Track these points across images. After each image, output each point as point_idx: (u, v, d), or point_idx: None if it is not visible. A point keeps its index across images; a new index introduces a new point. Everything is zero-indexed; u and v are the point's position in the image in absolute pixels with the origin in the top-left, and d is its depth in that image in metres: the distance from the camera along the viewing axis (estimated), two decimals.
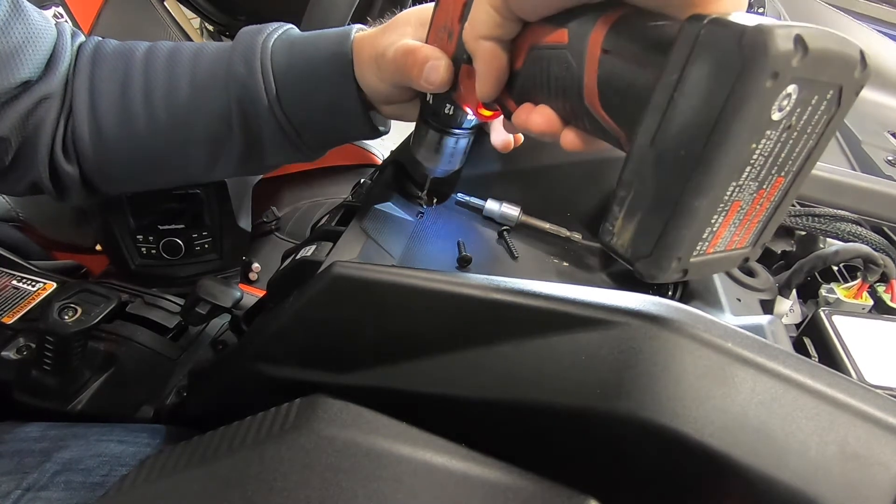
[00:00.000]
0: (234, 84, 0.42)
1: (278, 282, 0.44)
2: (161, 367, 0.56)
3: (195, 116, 0.43)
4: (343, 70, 0.41)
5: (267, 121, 0.42)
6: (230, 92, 0.42)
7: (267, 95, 0.41)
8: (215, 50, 0.43)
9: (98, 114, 0.43)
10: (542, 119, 0.30)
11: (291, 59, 0.42)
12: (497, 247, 0.53)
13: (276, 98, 0.42)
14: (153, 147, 0.44)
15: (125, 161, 0.45)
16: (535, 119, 0.30)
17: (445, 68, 0.36)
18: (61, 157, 0.44)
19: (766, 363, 0.27)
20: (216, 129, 0.43)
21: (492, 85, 0.32)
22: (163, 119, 0.43)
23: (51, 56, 0.43)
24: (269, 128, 0.43)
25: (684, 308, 0.29)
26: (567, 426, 0.29)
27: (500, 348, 0.30)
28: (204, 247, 0.75)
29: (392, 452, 0.28)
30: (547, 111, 0.30)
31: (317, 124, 0.44)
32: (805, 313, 0.48)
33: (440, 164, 0.43)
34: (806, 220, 0.48)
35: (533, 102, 0.31)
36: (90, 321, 0.45)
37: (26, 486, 0.39)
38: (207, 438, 0.32)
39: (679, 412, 0.26)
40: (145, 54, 0.44)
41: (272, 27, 0.44)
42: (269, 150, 0.45)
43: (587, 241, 0.55)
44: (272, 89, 0.41)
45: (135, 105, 0.43)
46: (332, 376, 0.35)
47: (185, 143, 0.44)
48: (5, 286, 0.60)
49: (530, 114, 0.31)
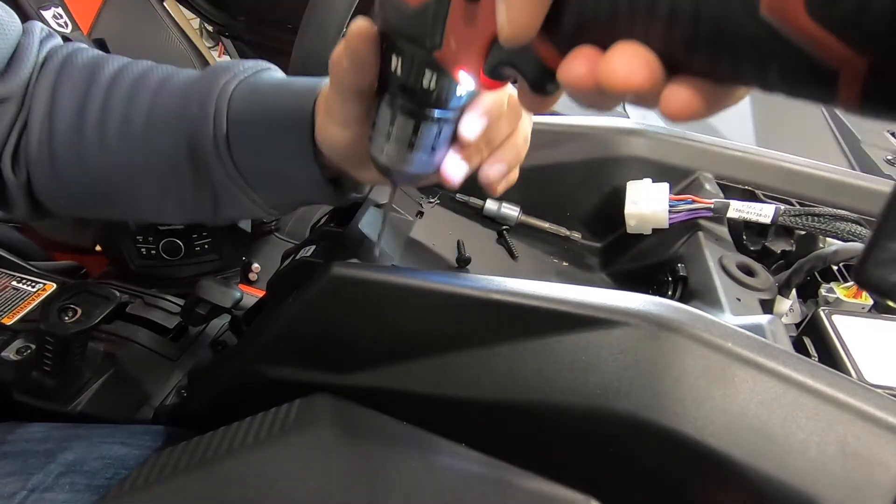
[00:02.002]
0: (185, 122, 0.38)
1: (278, 282, 0.44)
2: (161, 368, 0.55)
3: (146, 149, 0.39)
4: (298, 124, 0.35)
5: (215, 167, 0.38)
6: (181, 130, 0.38)
7: (215, 139, 0.37)
8: (183, 82, 0.40)
9: (53, 128, 0.40)
10: (632, 65, 0.17)
11: (250, 105, 0.37)
12: (497, 247, 0.53)
13: (225, 143, 0.37)
14: (103, 174, 0.41)
15: (75, 182, 0.42)
16: (617, 67, 0.18)
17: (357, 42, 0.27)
18: (8, 167, 0.41)
19: (766, 363, 0.27)
20: (165, 166, 0.39)
21: (530, 8, 0.19)
22: (114, 146, 0.39)
23: (13, 55, 0.39)
24: (217, 174, 0.39)
25: (684, 308, 0.29)
26: (567, 426, 0.29)
27: (500, 348, 0.30)
28: (204, 247, 0.75)
29: (392, 452, 0.28)
30: (640, 51, 0.18)
31: (268, 179, 0.39)
32: (805, 313, 0.48)
33: (412, 165, 0.30)
34: (806, 220, 0.48)
35: (600, 44, 0.19)
36: (90, 322, 0.45)
37: (31, 486, 0.39)
38: (207, 439, 0.32)
39: (679, 412, 0.26)
40: (113, 75, 0.40)
41: (246, 66, 0.40)
42: (221, 199, 0.41)
43: (587, 241, 0.55)
44: (222, 133, 0.37)
45: (88, 127, 0.39)
46: (332, 377, 0.35)
47: (134, 176, 0.40)
48: (5, 287, 0.60)
49: (606, 60, 0.18)
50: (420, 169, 0.30)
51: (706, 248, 0.49)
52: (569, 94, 0.21)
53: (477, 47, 0.23)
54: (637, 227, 0.52)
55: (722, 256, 0.48)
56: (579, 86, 0.19)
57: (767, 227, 0.51)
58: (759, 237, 0.53)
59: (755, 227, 0.53)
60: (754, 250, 0.53)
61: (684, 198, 0.51)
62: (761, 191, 0.54)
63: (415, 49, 0.26)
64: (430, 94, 0.27)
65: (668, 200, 0.51)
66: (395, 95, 0.28)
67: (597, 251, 0.54)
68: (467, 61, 0.24)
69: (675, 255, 0.51)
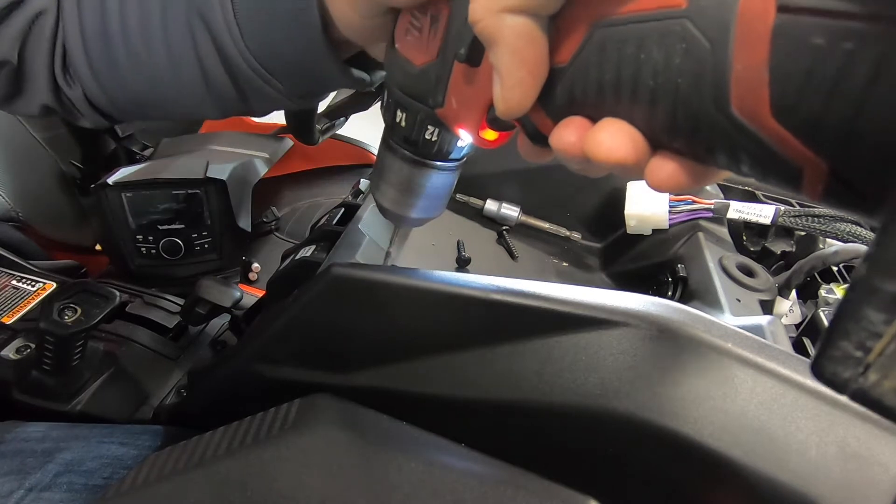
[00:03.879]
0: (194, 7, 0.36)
1: (278, 282, 0.44)
2: (161, 368, 0.55)
3: (167, 43, 0.38)
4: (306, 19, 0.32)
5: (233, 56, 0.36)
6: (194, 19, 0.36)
7: (228, 26, 0.35)
8: None
9: (85, 36, 0.39)
10: (616, 141, 0.19)
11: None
12: (497, 247, 0.53)
13: (237, 30, 0.35)
14: (136, 76, 0.40)
15: (117, 88, 0.41)
16: (603, 141, 0.19)
17: None
18: (62, 79, 0.40)
19: (766, 363, 0.27)
20: (188, 59, 0.38)
21: (524, 89, 0.21)
22: (139, 47, 0.38)
23: None
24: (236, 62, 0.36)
25: (684, 308, 0.29)
26: (567, 426, 0.29)
27: (500, 348, 0.30)
28: (204, 247, 0.75)
29: (392, 452, 0.28)
30: (625, 128, 0.19)
31: (285, 71, 0.37)
32: (805, 313, 0.48)
33: (415, 210, 0.31)
34: (806, 221, 0.48)
35: (590, 116, 0.20)
36: (90, 321, 0.45)
37: (29, 486, 0.39)
38: (207, 438, 0.32)
39: (679, 412, 0.26)
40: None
41: None
42: (247, 91, 0.39)
43: (587, 241, 0.55)
44: (231, 18, 0.35)
45: (112, 30, 0.38)
46: (332, 377, 0.35)
47: (164, 75, 0.39)
48: (5, 286, 0.60)
49: (592, 133, 0.20)
50: (423, 214, 0.32)
51: (706, 249, 0.49)
52: (559, 158, 0.22)
53: (477, 107, 0.24)
54: (637, 227, 0.52)
55: (722, 257, 0.48)
56: (568, 153, 0.21)
57: (767, 227, 0.52)
58: (760, 238, 0.53)
59: (755, 227, 0.53)
60: (754, 251, 0.53)
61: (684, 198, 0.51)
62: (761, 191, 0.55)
63: (418, 106, 0.27)
64: (433, 146, 0.28)
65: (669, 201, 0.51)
66: (399, 145, 0.29)
67: (597, 251, 0.54)
68: (467, 120, 0.25)
69: (675, 256, 0.51)
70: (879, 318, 0.12)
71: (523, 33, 0.19)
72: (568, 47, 0.20)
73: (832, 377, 0.14)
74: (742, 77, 0.15)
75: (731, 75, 0.16)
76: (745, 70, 0.15)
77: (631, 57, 0.18)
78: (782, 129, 0.15)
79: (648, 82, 0.18)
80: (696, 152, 0.18)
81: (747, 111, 0.15)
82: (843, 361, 0.13)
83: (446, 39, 0.24)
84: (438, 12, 0.24)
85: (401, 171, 0.30)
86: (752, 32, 0.15)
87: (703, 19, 0.16)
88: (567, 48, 0.20)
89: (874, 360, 0.13)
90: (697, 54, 0.16)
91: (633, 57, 0.18)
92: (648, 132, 0.19)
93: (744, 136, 0.16)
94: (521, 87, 0.21)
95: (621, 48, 0.18)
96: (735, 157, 0.17)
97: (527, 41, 0.20)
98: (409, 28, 0.25)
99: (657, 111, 0.18)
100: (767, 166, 0.16)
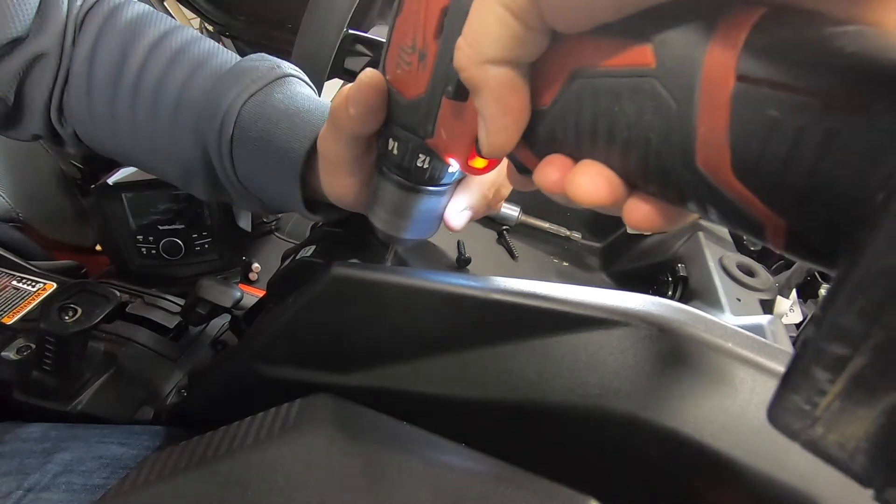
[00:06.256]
0: (204, 118, 0.39)
1: (278, 282, 0.44)
2: (161, 368, 0.55)
3: (172, 130, 0.40)
4: (290, 162, 0.37)
5: (220, 169, 0.40)
6: (200, 123, 0.39)
7: (220, 146, 0.38)
8: (214, 71, 0.40)
9: (91, 88, 0.40)
10: (594, 184, 0.20)
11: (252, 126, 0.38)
12: (497, 247, 0.53)
13: (228, 153, 0.38)
14: (134, 141, 0.42)
15: (112, 142, 0.43)
16: (582, 184, 0.20)
17: (367, 93, 0.27)
18: (56, 119, 0.42)
19: (766, 363, 0.27)
20: (188, 149, 0.40)
21: (507, 133, 0.22)
22: (144, 121, 0.40)
23: (38, 9, 0.39)
24: (222, 175, 0.40)
25: (684, 308, 0.29)
26: (567, 426, 0.29)
27: (500, 348, 0.30)
28: (204, 247, 0.75)
29: (392, 452, 0.28)
30: (602, 172, 0.20)
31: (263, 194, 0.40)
32: (805, 313, 0.48)
33: (408, 232, 0.33)
34: None
35: (571, 156, 0.21)
36: (90, 321, 0.45)
37: (28, 486, 0.39)
38: (207, 438, 0.32)
39: (679, 412, 0.26)
40: (153, 43, 0.40)
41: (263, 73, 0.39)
42: (230, 194, 0.42)
43: (587, 241, 0.55)
44: (227, 141, 0.38)
45: (123, 95, 0.40)
46: (332, 377, 0.35)
47: (161, 151, 0.41)
48: (5, 286, 0.60)
49: (572, 175, 0.21)
50: (416, 235, 0.33)
51: (706, 249, 0.49)
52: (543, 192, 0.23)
53: (465, 139, 0.25)
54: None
55: (722, 256, 0.48)
56: (550, 189, 0.22)
57: None
58: None
59: None
60: (754, 250, 0.53)
61: None
62: None
63: (409, 136, 0.28)
64: (424, 172, 0.30)
65: None
66: (392, 171, 0.31)
67: (597, 251, 0.54)
68: (457, 150, 0.26)
69: (675, 256, 0.51)
70: (825, 377, 0.13)
71: (506, 82, 0.21)
72: (549, 92, 0.21)
73: (785, 427, 0.15)
74: (706, 139, 0.16)
75: (697, 135, 0.16)
76: (709, 132, 0.16)
77: (605, 108, 0.19)
78: (744, 188, 0.16)
79: (623, 133, 0.19)
80: (669, 197, 0.19)
81: (712, 169, 0.16)
82: (795, 413, 0.14)
83: (434, 76, 0.25)
84: (426, 49, 0.24)
85: (393, 195, 0.31)
86: (714, 98, 0.16)
87: (671, 81, 0.17)
88: (548, 93, 0.21)
89: (820, 415, 0.13)
90: (666, 113, 0.17)
91: (607, 108, 0.19)
92: (624, 175, 0.20)
93: (710, 191, 0.17)
94: (505, 132, 0.22)
95: (596, 99, 0.19)
96: (704, 207, 0.18)
97: (509, 90, 0.21)
98: (398, 62, 0.26)
99: (631, 158, 0.19)
100: (733, 219, 0.17)
